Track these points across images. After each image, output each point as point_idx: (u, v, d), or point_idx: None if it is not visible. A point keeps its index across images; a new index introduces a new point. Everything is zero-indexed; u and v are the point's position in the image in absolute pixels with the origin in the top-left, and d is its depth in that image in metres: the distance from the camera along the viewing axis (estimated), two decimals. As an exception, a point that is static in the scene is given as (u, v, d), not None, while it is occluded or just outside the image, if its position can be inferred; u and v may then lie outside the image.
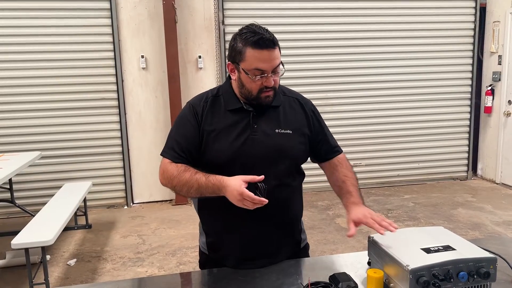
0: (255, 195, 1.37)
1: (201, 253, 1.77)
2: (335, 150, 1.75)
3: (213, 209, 1.63)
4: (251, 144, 1.55)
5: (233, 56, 1.53)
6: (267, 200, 1.38)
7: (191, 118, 1.59)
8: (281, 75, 1.56)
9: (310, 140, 1.67)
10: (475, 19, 5.82)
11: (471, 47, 5.89)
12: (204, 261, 1.75)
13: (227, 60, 1.62)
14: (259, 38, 1.45)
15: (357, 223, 1.53)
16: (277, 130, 1.59)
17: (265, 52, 1.46)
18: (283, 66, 1.55)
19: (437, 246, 1.37)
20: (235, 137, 1.55)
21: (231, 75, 1.59)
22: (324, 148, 1.73)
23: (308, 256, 1.78)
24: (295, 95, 1.72)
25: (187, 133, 1.58)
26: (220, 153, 1.55)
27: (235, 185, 1.39)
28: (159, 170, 1.60)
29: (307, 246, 1.80)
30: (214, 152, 1.55)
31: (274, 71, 1.50)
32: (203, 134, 1.57)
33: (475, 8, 5.80)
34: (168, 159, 1.58)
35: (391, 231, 1.45)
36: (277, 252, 1.64)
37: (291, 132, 1.61)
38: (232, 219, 1.58)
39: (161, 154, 1.63)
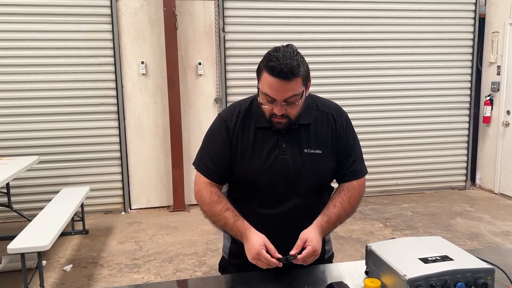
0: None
1: (221, 257, 1.78)
2: (352, 174, 1.62)
3: (242, 215, 1.62)
4: (279, 164, 1.55)
5: (257, 72, 1.51)
6: (281, 264, 1.43)
7: (223, 133, 1.59)
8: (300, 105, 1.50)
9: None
10: (474, 30, 5.85)
11: (470, 57, 5.91)
12: (225, 266, 1.76)
13: (227, 70, 1.64)
14: (275, 66, 1.40)
15: (306, 244, 1.47)
16: (305, 150, 1.56)
17: (277, 81, 1.41)
18: (302, 97, 1.48)
19: (435, 256, 1.36)
20: (264, 156, 1.55)
21: None
22: (343, 170, 1.63)
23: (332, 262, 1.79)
24: (330, 109, 1.63)
25: (221, 149, 1.59)
26: (248, 171, 1.56)
27: (256, 243, 1.44)
28: (194, 186, 1.64)
29: (332, 256, 1.81)
30: (242, 169, 1.57)
31: (287, 101, 1.45)
32: (233, 149, 1.58)
33: (474, 18, 5.84)
34: (202, 175, 1.61)
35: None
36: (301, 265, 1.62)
37: (320, 152, 1.57)
38: (260, 228, 1.55)
39: (194, 166, 1.65)
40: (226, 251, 1.73)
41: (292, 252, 1.46)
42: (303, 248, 1.47)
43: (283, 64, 1.39)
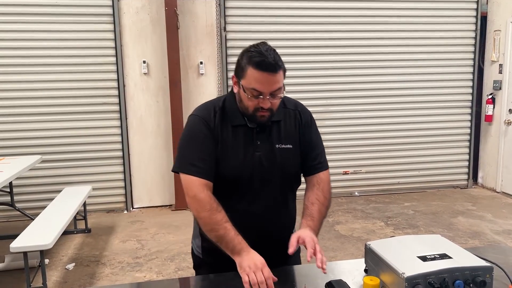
0: None
1: (194, 256, 1.82)
2: (317, 166, 1.70)
3: None
4: (255, 161, 1.59)
5: (237, 71, 1.55)
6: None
7: (206, 131, 1.58)
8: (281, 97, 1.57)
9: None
10: (476, 28, 5.84)
11: (472, 55, 5.90)
12: (199, 264, 1.80)
13: (229, 70, 1.65)
14: (261, 60, 1.45)
15: (300, 242, 1.52)
16: (277, 146, 1.62)
17: (265, 75, 1.46)
18: (284, 89, 1.55)
19: (433, 254, 1.37)
20: (242, 154, 1.59)
21: (234, 88, 1.61)
22: (308, 162, 1.70)
23: (299, 258, 1.82)
24: (295, 106, 1.72)
25: (206, 147, 1.57)
26: (228, 169, 1.58)
27: (261, 258, 1.45)
28: (188, 191, 1.54)
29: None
30: (223, 167, 1.58)
31: (273, 94, 1.51)
32: (217, 147, 1.59)
33: (476, 17, 5.82)
34: (195, 177, 1.53)
35: (318, 266, 1.44)
36: (273, 258, 1.65)
37: (291, 146, 1.64)
38: (238, 224, 1.59)
39: (181, 170, 1.57)
40: (199, 250, 1.77)
41: (290, 251, 1.49)
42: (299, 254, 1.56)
43: (270, 57, 1.46)
